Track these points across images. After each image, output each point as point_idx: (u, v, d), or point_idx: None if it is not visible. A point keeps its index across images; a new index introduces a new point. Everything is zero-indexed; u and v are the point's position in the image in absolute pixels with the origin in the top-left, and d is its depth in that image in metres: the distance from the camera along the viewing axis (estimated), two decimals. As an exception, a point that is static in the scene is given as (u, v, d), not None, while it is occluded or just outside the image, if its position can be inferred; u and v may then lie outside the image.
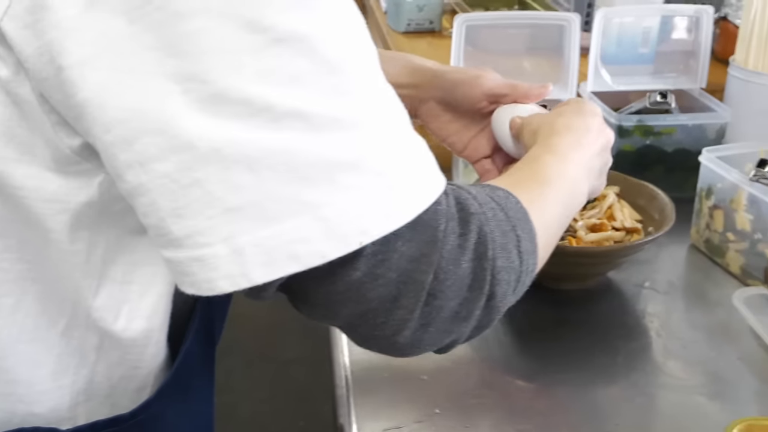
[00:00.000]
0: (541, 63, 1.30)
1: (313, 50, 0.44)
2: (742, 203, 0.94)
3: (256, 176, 0.43)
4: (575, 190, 0.69)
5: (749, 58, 1.17)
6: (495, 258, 0.53)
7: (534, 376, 0.80)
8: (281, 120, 0.43)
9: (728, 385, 0.79)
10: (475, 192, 0.56)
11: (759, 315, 0.88)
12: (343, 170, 0.45)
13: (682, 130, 1.14)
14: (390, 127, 0.49)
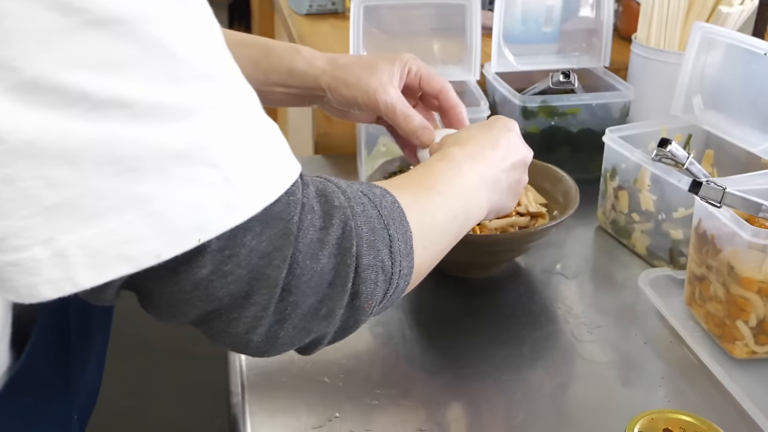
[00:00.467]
0: (446, 43, 1.27)
1: (135, 32, 0.40)
2: (646, 183, 0.93)
3: (75, 171, 0.39)
4: (468, 201, 0.67)
5: (651, 35, 1.16)
6: (360, 255, 0.50)
7: (439, 372, 0.77)
8: (101, 109, 0.39)
9: (636, 371, 0.78)
10: (345, 186, 0.53)
11: (664, 296, 0.87)
12: (176, 161, 0.41)
13: (586, 110, 1.13)
14: (231, 114, 0.44)
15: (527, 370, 0.78)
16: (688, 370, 0.77)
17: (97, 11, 0.38)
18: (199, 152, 0.42)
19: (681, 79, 1.01)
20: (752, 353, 0.76)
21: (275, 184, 0.46)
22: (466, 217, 0.66)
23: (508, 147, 0.74)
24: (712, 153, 1.02)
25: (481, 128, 0.76)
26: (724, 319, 0.77)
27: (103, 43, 0.39)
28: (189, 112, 0.42)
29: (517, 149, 0.75)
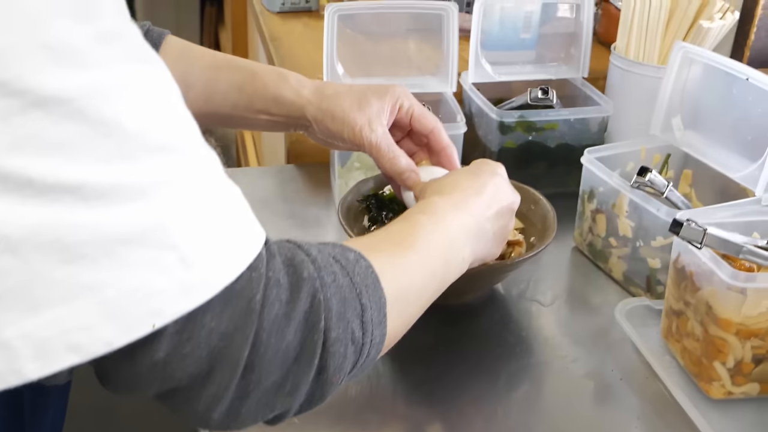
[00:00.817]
0: (423, 47, 1.24)
1: (82, 112, 0.37)
2: (624, 209, 0.91)
3: (19, 259, 0.36)
4: (450, 256, 0.64)
5: (630, 46, 1.14)
6: (329, 329, 0.48)
7: (412, 411, 0.75)
8: (47, 194, 0.37)
9: (611, 410, 0.77)
10: (316, 253, 0.50)
11: (641, 327, 0.86)
12: (129, 246, 0.39)
13: (564, 125, 1.11)
14: (189, 188, 0.42)
15: (503, 407, 0.76)
16: (664, 409, 0.76)
17: (40, 92, 0.36)
18: (154, 234, 0.40)
19: (661, 98, 0.99)
20: (729, 394, 0.75)
21: (236, 260, 0.44)
22: (447, 273, 0.64)
23: (494, 194, 0.72)
24: (691, 173, 1.01)
25: (467, 174, 0.74)
26: (701, 358, 0.76)
27: (47, 126, 0.36)
28: (143, 191, 0.40)
29: (504, 195, 0.74)
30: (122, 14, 0.42)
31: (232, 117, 0.83)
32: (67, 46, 0.37)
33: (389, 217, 0.90)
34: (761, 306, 0.70)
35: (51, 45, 0.37)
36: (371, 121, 0.78)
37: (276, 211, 1.08)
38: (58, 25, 0.37)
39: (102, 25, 0.39)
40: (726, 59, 0.90)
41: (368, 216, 0.92)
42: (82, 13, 0.38)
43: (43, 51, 0.37)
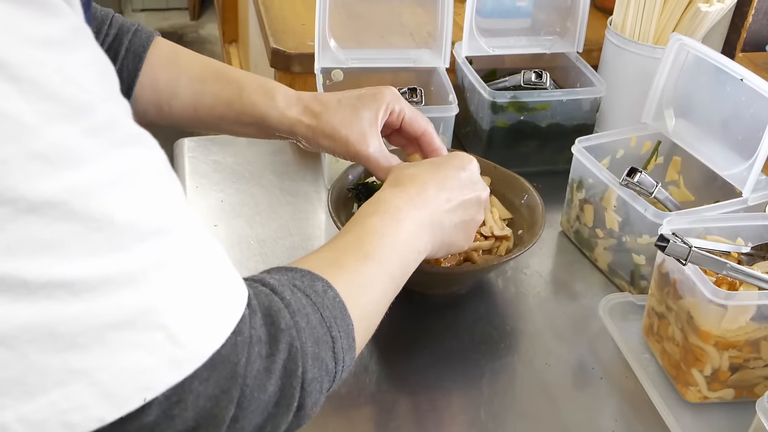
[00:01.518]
0: (417, 11, 1.22)
1: (73, 212, 0.38)
2: (612, 203, 0.92)
3: (13, 353, 0.38)
4: (406, 255, 0.66)
5: (626, 23, 1.13)
6: (305, 371, 0.50)
7: (395, 409, 0.78)
8: (39, 291, 0.38)
9: (591, 410, 0.79)
10: (290, 296, 0.52)
11: (623, 322, 0.88)
12: (119, 331, 0.40)
13: (556, 104, 1.10)
14: (177, 268, 0.43)
15: (486, 405, 0.79)
16: (642, 411, 0.79)
17: (32, 198, 0.37)
18: (144, 317, 0.41)
19: (654, 88, 0.99)
20: (705, 398, 0.78)
21: (222, 327, 0.46)
22: (404, 273, 0.66)
23: (455, 187, 0.72)
24: (680, 160, 1.01)
25: (430, 167, 0.74)
26: (680, 363, 0.78)
27: (40, 228, 0.37)
28: (134, 278, 0.41)
29: (467, 189, 0.74)
30: (111, 97, 0.42)
31: (220, 126, 0.83)
32: (59, 150, 0.38)
33: (379, 207, 0.91)
34: (740, 321, 0.72)
35: (44, 152, 0.37)
36: (364, 135, 0.77)
37: (266, 186, 1.08)
38: (51, 131, 0.37)
39: (92, 119, 0.39)
40: (722, 57, 0.89)
41: (357, 204, 0.92)
42: (73, 113, 0.38)
43: (36, 159, 0.37)
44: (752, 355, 0.75)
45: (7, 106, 0.36)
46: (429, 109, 1.04)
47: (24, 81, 0.37)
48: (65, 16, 0.40)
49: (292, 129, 0.79)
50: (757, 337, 0.73)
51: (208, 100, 0.79)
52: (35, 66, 0.37)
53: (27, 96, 0.37)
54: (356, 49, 1.11)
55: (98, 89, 0.41)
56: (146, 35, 0.78)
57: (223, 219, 1.01)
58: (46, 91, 0.38)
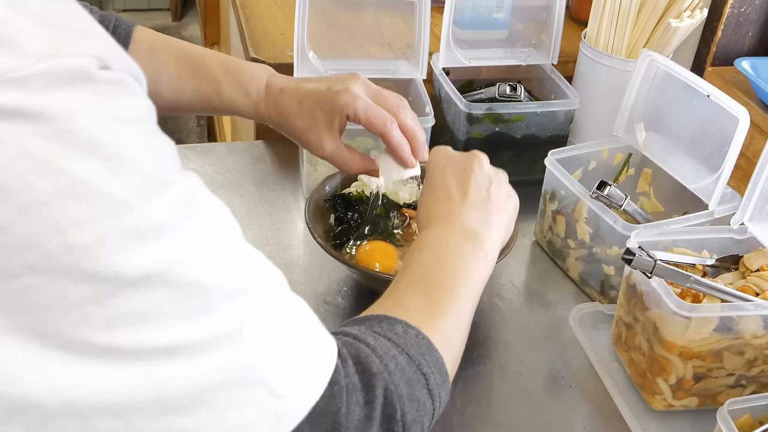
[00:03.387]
0: (395, 21, 1.24)
1: (167, 282, 0.40)
2: (583, 215, 0.94)
3: (122, 419, 0.40)
4: (471, 272, 0.67)
5: (600, 36, 1.15)
6: (404, 414, 0.51)
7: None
8: (141, 359, 0.39)
9: (561, 419, 0.81)
10: (372, 340, 0.52)
11: (593, 331, 0.90)
12: (221, 391, 0.42)
13: (531, 116, 1.12)
14: (268, 323, 0.45)
15: (458, 414, 0.81)
16: (609, 418, 0.81)
17: (129, 273, 0.38)
18: (244, 375, 0.43)
19: (625, 103, 1.01)
20: (670, 406, 0.80)
21: (319, 379, 0.47)
22: (474, 286, 0.67)
23: (474, 187, 0.74)
24: (650, 172, 1.04)
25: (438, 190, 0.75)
26: (646, 372, 0.80)
27: (137, 301, 0.39)
28: (229, 337, 0.42)
29: (483, 179, 0.76)
30: (180, 167, 0.44)
31: (204, 110, 0.87)
32: (151, 224, 0.39)
33: (355, 218, 0.93)
34: (703, 332, 0.75)
35: (137, 227, 0.39)
36: (321, 138, 0.81)
37: (245, 195, 1.10)
38: (143, 206, 0.39)
39: (176, 191, 0.41)
40: (690, 73, 0.92)
41: (334, 215, 0.94)
42: (160, 187, 0.40)
43: (130, 235, 0.38)
44: (715, 364, 0.77)
45: (102, 184, 0.38)
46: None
47: (116, 159, 0.38)
48: (142, 96, 0.42)
49: (263, 120, 0.85)
50: (719, 348, 0.76)
51: (188, 98, 0.83)
52: (125, 144, 0.39)
53: (119, 173, 0.38)
54: (335, 60, 1.13)
55: (175, 162, 0.43)
56: (126, 27, 0.82)
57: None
58: (136, 168, 0.39)
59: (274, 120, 0.83)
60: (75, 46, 0.39)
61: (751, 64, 1.07)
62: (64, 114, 0.37)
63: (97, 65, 0.39)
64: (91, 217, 0.37)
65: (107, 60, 0.40)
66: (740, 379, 0.79)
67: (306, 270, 0.97)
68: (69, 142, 0.37)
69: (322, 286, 0.94)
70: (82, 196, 0.37)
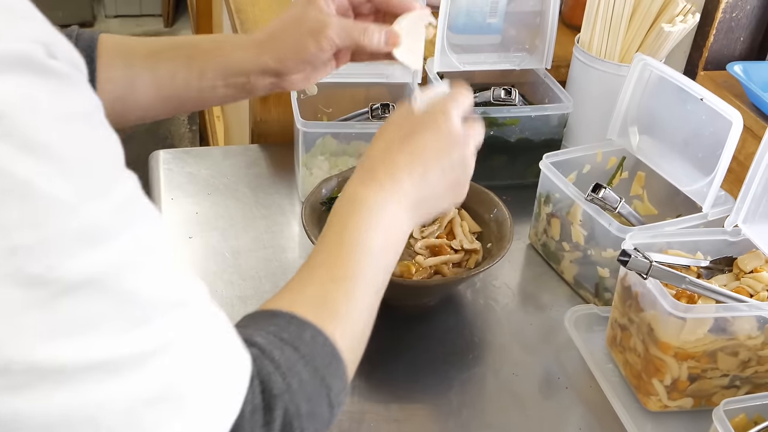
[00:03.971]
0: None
1: (106, 290, 0.39)
2: (578, 218, 0.94)
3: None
4: (390, 258, 0.64)
5: (593, 41, 1.16)
6: (303, 431, 0.51)
7: (365, 420, 0.80)
8: (76, 375, 0.39)
9: (557, 420, 0.82)
10: (279, 355, 0.51)
11: (588, 333, 0.90)
12: (147, 408, 0.41)
13: (525, 120, 1.13)
14: (195, 339, 0.44)
15: (455, 416, 0.81)
16: (605, 419, 0.81)
17: (70, 278, 0.38)
18: (169, 391, 0.42)
19: (619, 106, 1.02)
20: (665, 407, 0.80)
21: (235, 400, 0.46)
22: (389, 273, 0.64)
23: (432, 157, 0.66)
24: (644, 175, 1.05)
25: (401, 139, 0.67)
26: (641, 373, 0.81)
27: (76, 308, 0.38)
28: (161, 352, 0.42)
29: (445, 152, 0.67)
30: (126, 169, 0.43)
31: (188, 97, 0.79)
32: (94, 227, 0.39)
33: (352, 221, 0.93)
34: (698, 333, 0.75)
35: (81, 230, 0.38)
36: (322, 19, 0.75)
37: (241, 198, 1.10)
38: (87, 208, 0.38)
39: (119, 194, 0.41)
40: (683, 77, 0.93)
41: (331, 218, 0.94)
42: (105, 189, 0.40)
43: (74, 238, 0.38)
44: (710, 365, 0.78)
45: (47, 186, 0.37)
46: (401, 124, 1.06)
47: (61, 159, 0.38)
48: (87, 89, 0.41)
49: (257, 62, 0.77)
50: (714, 349, 0.76)
51: (167, 69, 0.77)
52: (71, 143, 0.38)
53: (65, 174, 0.38)
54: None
55: (119, 162, 0.42)
56: (89, 37, 0.77)
57: (198, 231, 1.03)
58: (82, 169, 0.39)
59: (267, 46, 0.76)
60: (20, 29, 0.37)
61: (743, 68, 1.08)
62: (10, 110, 0.36)
63: (44, 52, 0.38)
64: (35, 219, 0.37)
65: (53, 48, 0.39)
66: (734, 380, 0.79)
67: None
68: (14, 142, 0.36)
69: (318, 289, 0.94)
70: (26, 197, 0.36)
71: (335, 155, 1.10)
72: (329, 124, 1.12)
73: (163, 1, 3.82)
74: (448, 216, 0.94)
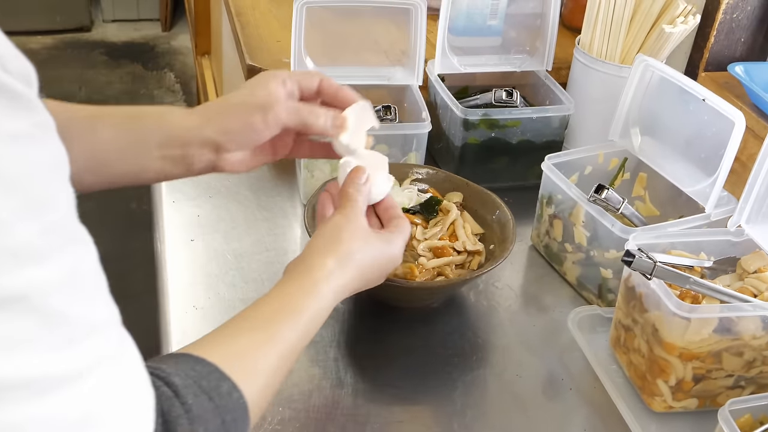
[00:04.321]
0: (390, 30, 1.24)
1: (33, 309, 0.39)
2: (580, 219, 0.94)
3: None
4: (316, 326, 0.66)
5: (594, 42, 1.16)
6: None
7: (370, 422, 0.79)
8: (6, 392, 0.39)
9: (562, 421, 0.81)
10: (192, 400, 0.51)
11: (591, 334, 0.90)
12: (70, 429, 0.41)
13: (526, 122, 1.13)
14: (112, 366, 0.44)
15: (458, 417, 0.81)
16: (610, 420, 0.81)
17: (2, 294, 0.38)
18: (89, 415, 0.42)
19: (620, 108, 1.02)
20: (669, 408, 0.80)
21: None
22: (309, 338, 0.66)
23: (377, 272, 0.73)
24: (646, 176, 1.05)
25: (361, 251, 0.71)
26: (646, 374, 0.80)
27: (4, 325, 0.38)
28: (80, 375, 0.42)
29: (387, 267, 0.74)
30: (66, 191, 0.42)
31: (122, 167, 0.74)
32: (25, 246, 0.39)
33: (354, 223, 0.93)
34: (703, 333, 0.75)
35: (12, 247, 0.38)
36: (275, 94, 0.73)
37: (242, 201, 1.10)
38: (20, 227, 0.38)
39: (52, 215, 0.41)
40: (685, 78, 0.93)
41: (333, 220, 0.94)
42: (38, 210, 0.40)
43: (7, 255, 0.38)
44: (714, 366, 0.77)
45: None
46: (403, 126, 1.07)
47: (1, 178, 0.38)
48: (34, 109, 0.40)
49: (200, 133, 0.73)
50: (719, 349, 0.76)
51: (105, 134, 0.73)
52: (13, 163, 0.38)
53: (2, 193, 0.38)
54: (331, 67, 1.13)
55: (58, 184, 0.42)
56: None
57: (200, 234, 1.03)
58: (15, 187, 0.39)
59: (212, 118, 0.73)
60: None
61: (744, 69, 1.08)
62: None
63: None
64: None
65: (6, 61, 0.39)
66: (739, 380, 0.79)
67: (304, 275, 0.97)
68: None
69: (321, 291, 0.94)
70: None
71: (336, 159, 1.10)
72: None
73: (161, 6, 3.82)
74: (451, 217, 0.94)
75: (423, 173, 1.01)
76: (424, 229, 0.94)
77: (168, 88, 3.37)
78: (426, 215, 0.96)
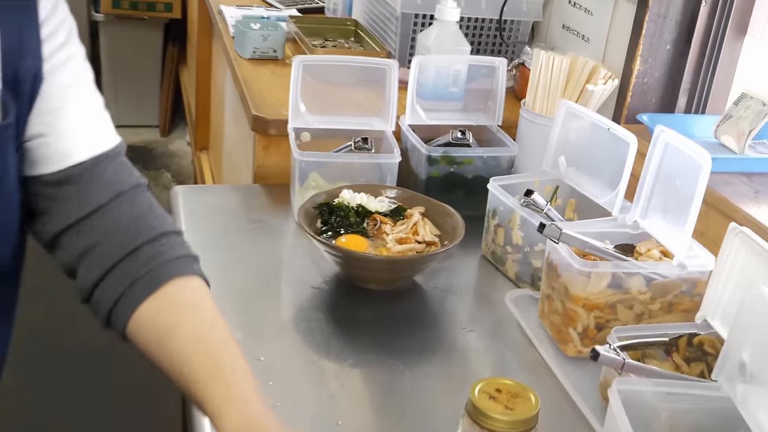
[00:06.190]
0: (368, 94, 1.52)
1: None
2: (517, 223, 1.19)
3: None
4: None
5: (536, 102, 1.44)
6: None
7: (348, 356, 1.01)
8: None
9: (498, 368, 1.03)
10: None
11: (524, 311, 1.13)
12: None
13: (479, 161, 1.39)
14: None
15: (415, 357, 1.02)
16: (537, 370, 1.03)
17: None
18: None
19: (550, 142, 1.28)
20: (579, 352, 1.02)
21: None
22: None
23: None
24: (575, 202, 1.30)
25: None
26: (561, 326, 1.03)
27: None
28: None
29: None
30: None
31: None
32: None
33: (337, 221, 1.17)
34: (600, 286, 0.98)
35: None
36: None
37: (241, 220, 1.34)
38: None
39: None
40: (595, 114, 1.20)
41: (321, 219, 1.18)
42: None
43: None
44: (612, 316, 1.00)
45: None
46: (378, 156, 1.33)
47: None
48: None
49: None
50: (613, 301, 0.99)
51: (186, 371, 0.79)
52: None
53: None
54: (321, 115, 1.40)
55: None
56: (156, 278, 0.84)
57: (212, 246, 1.26)
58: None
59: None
60: None
61: (649, 118, 1.36)
62: None
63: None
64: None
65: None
66: (633, 332, 1.02)
67: (297, 264, 1.21)
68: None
69: (309, 276, 1.17)
70: None
71: (324, 188, 1.36)
72: (320, 154, 1.36)
73: (161, 113, 4.11)
74: (414, 219, 1.19)
75: (393, 193, 1.26)
76: (392, 227, 1.18)
77: (164, 186, 3.64)
78: (394, 218, 1.21)
